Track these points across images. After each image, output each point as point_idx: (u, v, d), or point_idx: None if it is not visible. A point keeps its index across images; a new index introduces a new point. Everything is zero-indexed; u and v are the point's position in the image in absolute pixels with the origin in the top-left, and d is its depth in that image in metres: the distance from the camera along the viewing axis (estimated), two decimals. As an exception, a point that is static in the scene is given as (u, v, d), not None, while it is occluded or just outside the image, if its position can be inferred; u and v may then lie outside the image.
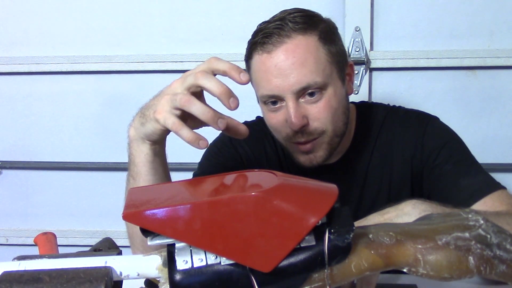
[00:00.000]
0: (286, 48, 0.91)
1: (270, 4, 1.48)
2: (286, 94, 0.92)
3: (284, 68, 0.91)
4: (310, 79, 0.91)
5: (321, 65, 0.92)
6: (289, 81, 0.91)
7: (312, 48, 0.92)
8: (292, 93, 0.91)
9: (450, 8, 1.44)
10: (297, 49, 0.91)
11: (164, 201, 0.50)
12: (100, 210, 1.65)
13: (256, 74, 0.96)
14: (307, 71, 0.91)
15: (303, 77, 0.91)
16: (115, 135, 1.61)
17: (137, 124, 0.81)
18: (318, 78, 0.91)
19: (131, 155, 0.85)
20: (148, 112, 0.79)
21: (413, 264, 0.51)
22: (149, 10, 1.53)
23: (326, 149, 0.97)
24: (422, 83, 1.48)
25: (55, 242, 0.82)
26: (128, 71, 1.55)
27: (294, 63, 0.90)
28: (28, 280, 0.46)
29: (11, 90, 1.62)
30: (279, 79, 0.91)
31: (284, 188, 0.50)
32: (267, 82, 0.93)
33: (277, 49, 0.91)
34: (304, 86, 0.91)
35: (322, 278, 0.49)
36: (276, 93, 0.92)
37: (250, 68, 0.98)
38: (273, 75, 0.92)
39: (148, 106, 0.81)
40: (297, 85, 0.91)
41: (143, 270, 0.51)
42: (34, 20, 1.57)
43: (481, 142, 1.48)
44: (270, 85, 0.92)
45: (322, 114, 0.93)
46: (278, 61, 0.91)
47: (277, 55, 0.91)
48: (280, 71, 0.91)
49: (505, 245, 0.51)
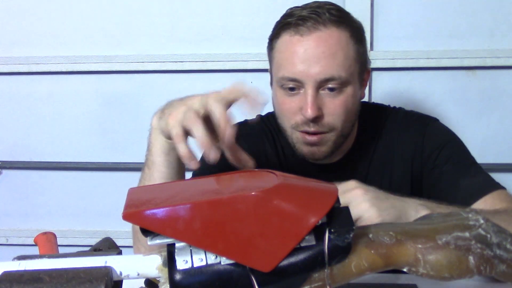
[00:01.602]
0: (319, 36, 0.90)
1: (270, 4, 1.48)
2: (308, 81, 0.90)
3: (313, 54, 0.90)
4: (336, 71, 0.90)
5: (348, 62, 0.92)
6: (315, 69, 0.90)
7: (343, 42, 0.92)
8: (315, 82, 0.90)
9: (450, 8, 1.44)
10: (329, 39, 0.90)
11: (164, 200, 0.50)
12: (100, 210, 1.65)
13: (282, 55, 0.94)
14: (335, 63, 0.90)
15: (329, 68, 0.90)
16: (115, 135, 1.61)
17: (158, 116, 0.82)
18: (343, 73, 0.91)
19: (149, 142, 0.85)
20: (168, 110, 0.79)
21: (413, 263, 0.51)
22: (149, 10, 1.53)
23: (331, 146, 0.96)
24: (422, 83, 1.48)
25: (55, 242, 0.82)
26: (128, 71, 1.55)
27: (324, 52, 0.90)
28: (28, 280, 0.46)
29: (11, 90, 1.62)
30: (305, 64, 0.90)
31: (284, 188, 0.50)
32: (292, 64, 0.91)
33: (311, 35, 0.90)
34: (328, 77, 0.90)
35: (322, 278, 0.49)
36: (299, 77, 0.91)
37: (274, 48, 0.96)
38: (300, 59, 0.90)
39: (171, 105, 0.80)
40: (322, 74, 0.90)
41: (143, 270, 0.51)
42: (34, 20, 1.57)
43: (481, 142, 1.48)
44: (294, 68, 0.91)
45: (338, 111, 0.93)
46: (308, 47, 0.90)
47: (309, 41, 0.90)
48: (308, 57, 0.90)
49: (505, 244, 0.51)
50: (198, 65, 1.51)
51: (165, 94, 1.55)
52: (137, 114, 1.58)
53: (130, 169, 1.61)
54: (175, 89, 1.55)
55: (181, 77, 1.54)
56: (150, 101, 1.57)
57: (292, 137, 0.97)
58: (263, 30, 1.49)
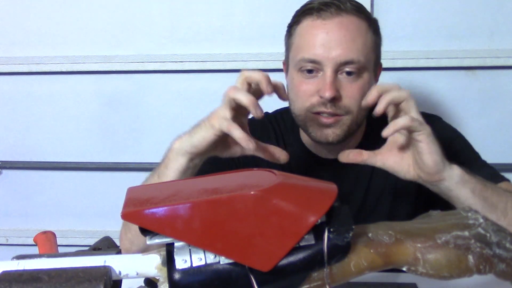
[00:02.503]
0: (341, 21, 0.93)
1: (270, 4, 1.47)
2: (328, 63, 0.92)
3: (334, 38, 0.92)
4: (355, 55, 0.92)
5: (367, 48, 0.95)
6: (335, 52, 0.92)
7: (363, 30, 0.95)
8: (334, 64, 0.92)
9: (450, 8, 1.44)
10: (351, 24, 0.94)
11: (163, 200, 0.50)
12: (100, 210, 1.65)
13: (302, 38, 0.96)
14: (355, 47, 0.93)
15: (349, 52, 0.92)
16: (115, 135, 1.61)
17: (185, 137, 0.85)
18: (362, 58, 0.93)
19: (167, 158, 0.87)
20: (202, 123, 0.84)
21: (413, 263, 0.51)
22: (149, 10, 1.53)
23: (345, 130, 0.96)
24: (422, 83, 1.48)
25: (55, 241, 0.82)
26: (128, 71, 1.55)
27: (345, 36, 0.92)
28: (27, 280, 0.46)
29: (11, 90, 1.62)
30: (326, 47, 0.92)
31: (283, 187, 0.50)
32: (312, 46, 0.94)
33: (333, 19, 0.93)
34: (348, 60, 0.92)
35: (322, 277, 0.49)
36: (319, 59, 0.93)
37: (293, 34, 0.99)
38: (321, 42, 0.93)
39: (199, 121, 0.86)
40: (341, 57, 0.92)
41: (142, 269, 0.51)
42: (34, 20, 1.57)
43: (481, 142, 1.47)
44: (314, 49, 0.93)
45: (355, 95, 0.94)
46: (330, 30, 0.93)
47: (331, 24, 0.93)
48: (329, 40, 0.92)
49: (504, 243, 0.51)
50: (198, 65, 1.51)
51: (165, 94, 1.57)
52: (137, 114, 1.58)
53: (130, 169, 1.61)
54: (175, 89, 1.56)
55: (181, 77, 1.54)
56: (150, 101, 1.57)
57: (306, 120, 0.98)
58: (263, 30, 1.50)
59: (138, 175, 1.62)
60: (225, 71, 1.51)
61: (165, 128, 1.57)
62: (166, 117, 1.57)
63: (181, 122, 1.56)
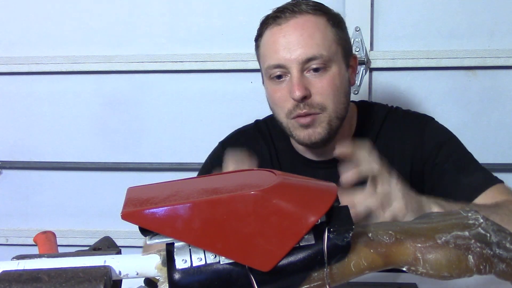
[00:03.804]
0: (296, 22, 0.96)
1: (270, 4, 1.47)
2: (292, 65, 0.94)
3: (292, 39, 0.94)
4: (316, 51, 0.94)
5: (328, 42, 0.96)
6: (296, 52, 0.94)
7: (321, 26, 0.96)
8: (298, 64, 0.94)
9: (450, 8, 1.44)
10: (306, 23, 0.95)
11: (163, 200, 0.50)
12: (100, 210, 1.65)
13: (265, 47, 0.99)
14: (314, 43, 0.94)
15: (309, 49, 0.94)
16: (115, 135, 1.61)
17: None
18: (324, 52, 0.95)
19: None
20: None
21: (413, 263, 0.51)
22: (149, 10, 1.53)
23: (326, 128, 0.97)
24: (422, 83, 1.48)
25: (55, 241, 0.82)
26: (128, 71, 1.55)
27: (302, 35, 0.94)
28: (27, 280, 0.46)
29: (11, 90, 1.62)
30: (287, 50, 0.95)
31: (283, 187, 0.50)
32: (275, 52, 0.96)
33: (288, 22, 0.96)
34: (310, 57, 0.94)
35: (322, 277, 0.49)
36: (282, 62, 0.95)
37: (259, 46, 1.02)
38: (281, 46, 0.95)
39: None
40: (303, 55, 0.93)
41: (142, 269, 0.51)
42: (34, 20, 1.57)
43: (481, 142, 1.48)
44: (277, 54, 0.96)
45: (325, 90, 0.95)
46: (287, 33, 0.95)
47: (287, 28, 0.96)
48: (288, 42, 0.95)
49: (504, 243, 0.51)
50: (198, 65, 1.51)
51: (165, 94, 1.57)
52: (137, 114, 1.58)
53: (130, 169, 1.61)
54: (175, 89, 1.56)
55: (181, 77, 1.54)
56: (150, 101, 1.57)
57: (289, 126, 0.99)
58: (263, 30, 1.50)
59: (138, 175, 1.62)
60: (225, 71, 1.51)
61: (165, 128, 1.57)
62: (166, 117, 1.57)
63: (181, 122, 1.56)
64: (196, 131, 1.54)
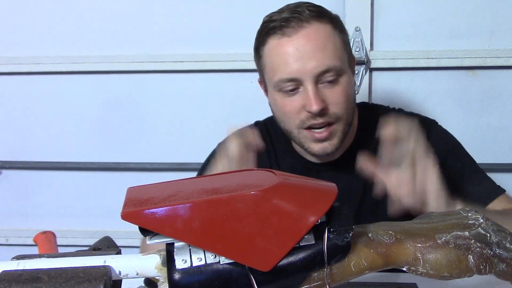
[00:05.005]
0: (306, 33, 0.92)
1: (270, 4, 1.47)
2: (306, 78, 0.92)
3: (305, 51, 0.92)
4: (330, 63, 0.92)
5: (338, 51, 0.94)
6: (310, 65, 0.91)
7: (330, 34, 0.94)
8: (313, 77, 0.92)
9: (450, 8, 1.44)
10: (317, 33, 0.93)
11: (163, 200, 0.50)
12: (100, 210, 1.65)
13: (273, 58, 0.95)
14: (328, 55, 0.92)
15: (324, 61, 0.92)
16: (115, 135, 1.61)
17: None
18: (338, 63, 0.93)
19: None
20: None
21: (413, 263, 0.51)
22: (149, 10, 1.53)
23: (340, 137, 0.97)
24: (422, 83, 1.48)
25: (55, 241, 0.82)
26: (128, 71, 1.55)
27: (316, 47, 0.92)
28: (27, 280, 0.46)
29: (11, 90, 1.62)
30: (300, 62, 0.92)
31: (283, 187, 0.50)
32: (286, 65, 0.93)
33: (298, 33, 0.92)
34: (325, 69, 0.92)
35: (322, 277, 0.49)
36: (296, 76, 0.92)
37: (262, 56, 0.98)
38: (293, 59, 0.92)
39: None
40: (318, 68, 0.91)
41: (142, 269, 0.51)
42: (34, 20, 1.57)
43: (481, 142, 1.48)
44: (289, 68, 0.92)
45: (340, 100, 0.94)
46: (299, 45, 0.92)
47: (298, 39, 0.92)
48: (301, 55, 0.92)
49: (504, 243, 0.51)
50: (198, 65, 1.51)
51: (165, 94, 1.57)
52: (137, 114, 1.58)
53: (130, 169, 1.61)
54: (175, 89, 1.56)
55: (181, 77, 1.54)
56: (150, 101, 1.57)
57: (300, 136, 0.98)
58: (263, 30, 1.50)
59: (138, 175, 1.62)
60: (225, 71, 1.51)
61: (165, 128, 1.57)
62: (166, 117, 1.57)
63: (181, 122, 1.56)
64: (196, 131, 1.54)
